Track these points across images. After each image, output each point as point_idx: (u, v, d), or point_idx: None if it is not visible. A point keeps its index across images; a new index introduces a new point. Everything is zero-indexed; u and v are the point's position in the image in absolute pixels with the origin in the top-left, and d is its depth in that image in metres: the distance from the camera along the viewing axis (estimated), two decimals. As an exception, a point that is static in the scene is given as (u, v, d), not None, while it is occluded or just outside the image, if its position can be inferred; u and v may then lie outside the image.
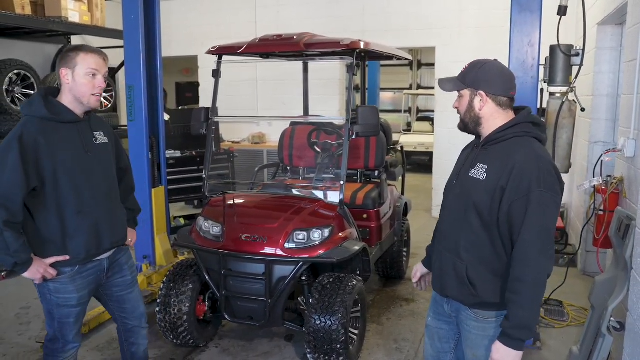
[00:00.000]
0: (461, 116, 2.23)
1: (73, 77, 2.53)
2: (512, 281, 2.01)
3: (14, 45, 6.72)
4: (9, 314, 4.58)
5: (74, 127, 2.58)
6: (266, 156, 8.03)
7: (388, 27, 7.77)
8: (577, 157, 6.11)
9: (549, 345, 3.95)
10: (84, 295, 2.70)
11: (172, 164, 6.46)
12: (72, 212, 2.54)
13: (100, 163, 2.67)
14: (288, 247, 3.51)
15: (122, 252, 2.89)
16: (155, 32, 4.93)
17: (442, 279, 2.27)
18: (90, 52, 2.57)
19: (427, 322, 2.49)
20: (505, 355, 2.02)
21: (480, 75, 2.14)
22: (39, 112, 2.49)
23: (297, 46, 3.82)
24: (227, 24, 8.54)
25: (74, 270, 2.62)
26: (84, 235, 2.58)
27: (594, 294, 3.34)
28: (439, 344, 2.44)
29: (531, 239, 1.97)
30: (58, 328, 2.70)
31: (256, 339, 4.08)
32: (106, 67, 2.63)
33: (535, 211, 1.97)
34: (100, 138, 2.71)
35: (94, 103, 2.60)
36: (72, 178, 2.53)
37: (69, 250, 2.56)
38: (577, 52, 3.65)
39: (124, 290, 2.90)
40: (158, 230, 5.05)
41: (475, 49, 7.20)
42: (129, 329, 2.98)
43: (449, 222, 2.26)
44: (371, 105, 3.88)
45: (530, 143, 2.09)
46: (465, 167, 2.23)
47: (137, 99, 4.77)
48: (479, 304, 2.16)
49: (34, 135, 2.43)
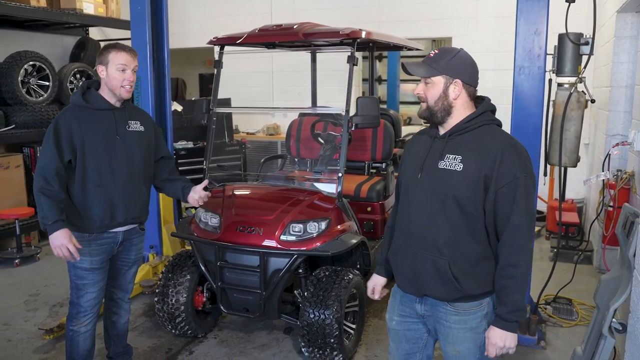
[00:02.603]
0: (429, 104, 2.10)
1: (107, 72, 2.90)
2: (505, 267, 2.04)
3: (33, 37, 6.84)
4: (18, 300, 4.67)
5: (110, 114, 2.97)
6: (280, 147, 8.00)
7: (404, 17, 7.63)
8: (595, 150, 5.91)
9: (554, 345, 3.83)
10: (95, 260, 2.99)
11: (183, 154, 6.50)
12: (92, 185, 2.91)
13: (127, 147, 3.00)
14: (284, 240, 3.47)
15: (138, 234, 3.22)
16: (162, 24, 4.93)
17: (417, 279, 2.18)
18: (121, 50, 2.90)
19: (390, 325, 2.38)
20: (504, 338, 2.06)
21: (455, 63, 2.07)
22: (77, 101, 2.93)
23: (296, 36, 3.76)
24: (243, 15, 8.50)
25: (91, 237, 2.96)
26: (100, 206, 2.93)
27: (599, 294, 3.21)
28: (406, 346, 2.35)
29: (520, 223, 2.01)
30: (74, 290, 3.02)
31: (255, 330, 4.07)
32: (135, 61, 2.95)
33: (522, 196, 2.00)
34: (135, 126, 3.07)
35: (124, 94, 2.94)
36: (96, 156, 2.89)
37: (87, 218, 2.93)
38: (586, 41, 3.50)
39: (124, 265, 3.22)
40: (165, 220, 5.09)
41: (492, 39, 7.03)
42: (113, 299, 3.28)
43: (420, 218, 2.14)
44: (371, 96, 3.81)
45: (499, 130, 2.13)
46: (430, 159, 2.13)
47: (144, 90, 4.79)
48: (461, 298, 2.12)
49: (69, 119, 2.86)
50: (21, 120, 5.91)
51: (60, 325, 3.92)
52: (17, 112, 5.93)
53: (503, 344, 2.06)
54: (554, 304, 4.27)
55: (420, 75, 2.10)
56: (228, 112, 6.95)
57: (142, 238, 3.28)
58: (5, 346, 3.87)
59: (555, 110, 3.58)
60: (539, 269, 4.84)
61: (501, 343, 2.06)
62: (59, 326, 3.93)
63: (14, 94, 5.87)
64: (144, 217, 3.21)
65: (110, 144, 2.94)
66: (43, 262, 5.59)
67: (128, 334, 3.47)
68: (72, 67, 6.68)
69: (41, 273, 5.29)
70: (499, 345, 2.07)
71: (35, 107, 6.02)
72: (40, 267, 5.49)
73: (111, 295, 3.27)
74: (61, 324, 3.92)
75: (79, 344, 3.06)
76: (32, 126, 5.91)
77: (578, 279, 4.62)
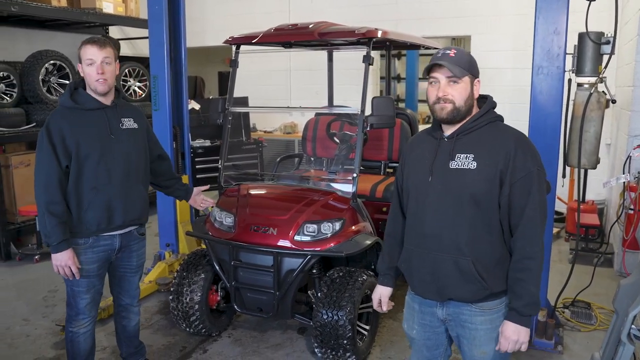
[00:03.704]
0: (457, 104, 2.05)
1: (82, 70, 2.82)
2: (521, 260, 2.05)
3: (54, 36, 6.95)
4: (37, 296, 4.75)
5: (102, 113, 2.87)
6: (297, 146, 8.00)
7: (422, 15, 7.56)
8: (617, 151, 5.79)
9: (571, 350, 3.76)
10: (91, 268, 2.92)
11: (201, 153, 6.54)
12: (88, 188, 2.81)
13: (122, 146, 2.90)
14: (298, 240, 3.47)
15: (136, 240, 3.12)
16: (179, 23, 4.96)
17: (438, 283, 2.15)
18: (87, 44, 2.78)
19: (411, 334, 2.36)
20: (519, 333, 2.06)
21: (473, 63, 2.10)
22: (65, 103, 2.83)
23: (312, 36, 3.75)
24: (261, 14, 8.52)
25: (87, 243, 2.88)
26: (96, 209, 2.84)
27: (618, 299, 3.13)
28: (427, 353, 2.34)
29: (535, 215, 2.03)
30: (70, 294, 2.98)
31: (269, 330, 4.07)
32: (104, 52, 2.76)
33: (536, 189, 2.02)
34: (129, 124, 2.98)
35: (100, 88, 2.81)
36: (90, 157, 2.79)
37: (82, 222, 2.83)
38: (607, 40, 3.42)
39: (127, 272, 3.17)
40: (181, 218, 5.12)
41: (512, 37, 6.93)
42: (122, 305, 3.26)
43: (437, 221, 2.11)
44: (386, 96, 3.77)
45: (506, 126, 2.15)
46: (439, 161, 2.11)
47: (161, 89, 4.83)
48: (486, 297, 2.11)
49: (59, 122, 2.76)
50: (41, 119, 5.99)
51: (77, 322, 3.97)
52: (38, 110, 6.02)
53: (517, 337, 2.06)
54: (572, 308, 4.20)
55: (458, 75, 2.03)
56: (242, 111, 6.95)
57: (143, 244, 3.19)
58: (24, 341, 3.94)
59: (574, 111, 3.51)
60: (558, 271, 4.77)
61: (515, 337, 2.06)
62: (76, 322, 3.98)
63: (35, 92, 5.97)
64: (143, 218, 3.11)
65: (105, 144, 2.84)
66: (62, 258, 5.66)
67: (143, 332, 3.52)
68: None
69: (60, 269, 5.36)
70: (512, 339, 2.06)
71: (55, 106, 6.09)
72: (59, 263, 5.56)
73: (119, 302, 3.25)
74: (78, 320, 3.97)
75: (79, 344, 3.05)
76: (52, 124, 5.98)
77: (598, 282, 4.54)
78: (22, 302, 4.63)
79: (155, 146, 3.25)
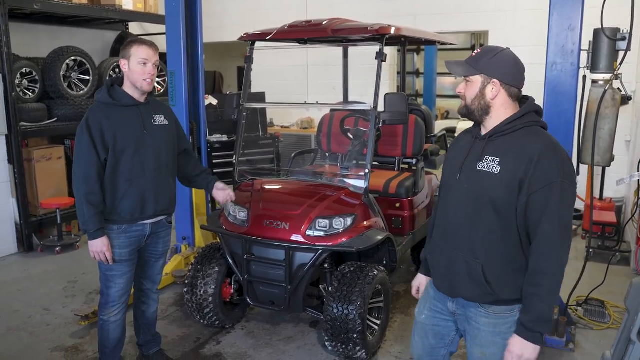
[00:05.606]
0: (466, 102, 2.10)
1: (129, 66, 2.96)
2: (533, 274, 1.97)
3: (76, 32, 7.09)
4: (58, 286, 4.88)
5: (136, 110, 3.03)
6: (313, 141, 8.03)
7: (440, 10, 7.53)
8: (636, 148, 5.71)
9: (583, 348, 3.74)
10: (124, 252, 3.08)
11: (217, 148, 6.60)
12: (123, 180, 2.98)
13: (154, 141, 3.07)
14: (309, 235, 3.51)
15: (165, 228, 3.31)
16: (196, 19, 5.02)
17: (450, 278, 2.17)
18: (142, 44, 2.97)
19: (419, 319, 2.39)
20: (524, 349, 1.99)
21: (495, 63, 2.03)
22: (103, 99, 2.99)
23: (326, 32, 3.77)
24: (278, 9, 8.55)
25: (121, 229, 3.05)
26: (131, 200, 3.01)
27: (630, 297, 3.10)
28: (432, 341, 2.35)
29: (552, 230, 1.93)
30: (104, 280, 3.14)
31: (282, 323, 4.13)
32: (156, 56, 3.01)
33: (556, 202, 1.92)
34: (160, 120, 3.15)
35: (146, 87, 3.01)
36: (126, 152, 2.96)
37: (117, 211, 3.01)
38: (623, 36, 3.38)
39: (152, 258, 3.33)
40: (198, 212, 5.20)
41: (529, 32, 6.86)
42: (142, 290, 3.40)
43: (457, 218, 2.13)
44: (399, 93, 3.78)
45: (542, 132, 2.06)
46: (469, 160, 2.11)
47: (178, 85, 4.90)
48: (494, 301, 2.09)
49: (98, 117, 2.92)
50: (63, 114, 6.13)
51: (95, 312, 4.07)
52: (59, 105, 6.15)
53: (522, 353, 1.98)
54: (585, 306, 4.17)
55: (457, 74, 2.09)
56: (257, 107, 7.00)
57: (169, 231, 3.36)
58: (44, 330, 4.06)
59: (588, 108, 3.48)
60: (573, 269, 4.69)
61: (519, 352, 1.99)
62: (94, 313, 4.09)
63: (57, 88, 6.10)
64: (172, 208, 3.30)
65: (140, 139, 3.01)
66: (82, 250, 5.80)
67: (158, 323, 3.59)
68: (112, 61, 6.89)
69: (80, 261, 5.50)
70: (517, 354, 1.99)
71: (76, 101, 6.24)
72: (79, 255, 5.71)
73: (140, 286, 3.38)
74: (96, 311, 4.06)
75: (109, 332, 3.18)
76: (73, 119, 6.12)
77: (614, 280, 4.50)
78: (43, 292, 4.76)
79: (182, 140, 3.39)
